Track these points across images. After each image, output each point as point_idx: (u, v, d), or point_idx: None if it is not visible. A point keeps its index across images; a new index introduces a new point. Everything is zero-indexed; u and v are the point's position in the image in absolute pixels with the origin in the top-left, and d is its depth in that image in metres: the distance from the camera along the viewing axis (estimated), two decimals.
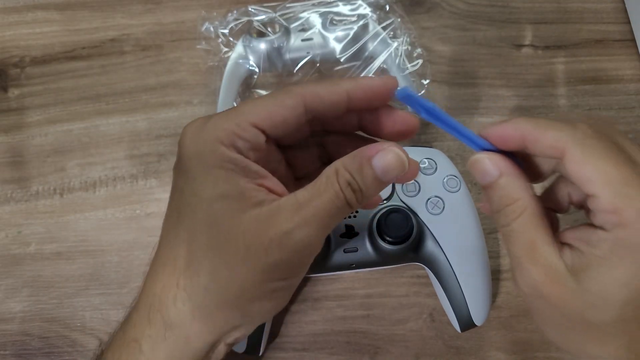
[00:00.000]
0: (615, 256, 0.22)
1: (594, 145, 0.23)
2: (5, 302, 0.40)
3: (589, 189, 0.23)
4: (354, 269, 0.38)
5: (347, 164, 0.24)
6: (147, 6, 0.49)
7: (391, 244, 0.36)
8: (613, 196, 0.22)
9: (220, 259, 0.23)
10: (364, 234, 0.37)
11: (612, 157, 0.22)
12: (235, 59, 0.42)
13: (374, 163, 0.24)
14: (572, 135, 0.23)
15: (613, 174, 0.22)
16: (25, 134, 0.45)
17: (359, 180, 0.24)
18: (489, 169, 0.25)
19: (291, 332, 0.39)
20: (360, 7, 0.43)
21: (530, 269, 0.24)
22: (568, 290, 0.23)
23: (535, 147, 0.24)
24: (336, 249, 0.37)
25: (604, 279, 0.22)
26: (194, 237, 0.24)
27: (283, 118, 0.24)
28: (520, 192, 0.24)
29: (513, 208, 0.24)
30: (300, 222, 0.23)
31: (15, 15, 0.49)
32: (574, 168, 0.23)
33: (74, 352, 0.39)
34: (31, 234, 0.42)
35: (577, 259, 0.23)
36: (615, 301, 0.22)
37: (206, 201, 0.24)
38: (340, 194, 0.24)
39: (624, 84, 0.46)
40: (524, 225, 0.24)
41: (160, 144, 0.44)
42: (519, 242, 0.24)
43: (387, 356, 0.39)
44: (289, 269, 0.25)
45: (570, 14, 0.49)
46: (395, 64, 0.42)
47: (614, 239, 0.22)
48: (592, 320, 0.23)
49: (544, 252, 0.24)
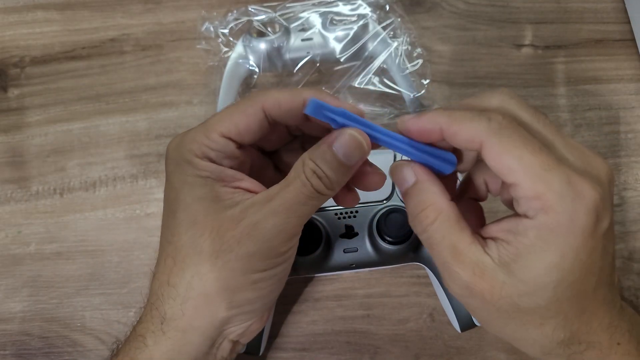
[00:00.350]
0: (541, 241, 0.23)
1: (509, 135, 0.23)
2: (5, 302, 0.40)
3: (509, 178, 0.23)
4: (354, 269, 0.38)
5: (311, 153, 0.25)
6: (147, 6, 0.49)
7: (391, 244, 0.36)
8: (533, 182, 0.22)
9: (200, 255, 0.25)
10: (363, 234, 0.37)
11: (529, 145, 0.23)
12: (235, 59, 0.42)
13: (334, 148, 0.25)
14: (487, 127, 0.23)
15: (531, 161, 0.22)
16: (25, 134, 0.45)
17: (322, 167, 0.25)
18: (406, 175, 0.26)
19: (291, 332, 0.40)
20: (360, 7, 0.43)
21: (458, 271, 0.24)
22: (499, 283, 0.23)
23: (453, 140, 0.24)
24: (336, 249, 0.37)
25: (535, 265, 0.23)
26: (177, 237, 0.26)
27: (246, 125, 0.26)
28: (433, 197, 0.25)
29: (426, 213, 0.25)
30: (268, 212, 0.25)
31: (15, 15, 0.49)
32: (493, 159, 0.23)
33: (74, 352, 0.39)
34: (31, 234, 0.42)
35: (504, 251, 0.23)
36: (547, 284, 0.23)
37: (185, 204, 0.26)
38: (307, 182, 0.25)
39: (624, 84, 0.46)
40: (442, 229, 0.24)
41: (160, 144, 0.44)
42: (440, 247, 0.24)
43: (387, 356, 0.39)
44: (265, 258, 0.26)
45: (570, 14, 0.49)
46: (395, 63, 0.42)
47: (539, 224, 0.23)
48: (527, 307, 0.23)
49: (467, 252, 0.24)
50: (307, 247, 0.35)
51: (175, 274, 0.26)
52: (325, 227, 0.37)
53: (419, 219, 0.25)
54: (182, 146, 0.27)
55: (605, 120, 0.45)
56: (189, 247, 0.26)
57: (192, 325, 0.26)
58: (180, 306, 0.26)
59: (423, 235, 0.25)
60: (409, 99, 0.42)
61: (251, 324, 0.28)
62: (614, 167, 0.44)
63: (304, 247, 0.35)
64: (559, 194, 0.22)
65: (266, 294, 0.28)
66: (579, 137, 0.44)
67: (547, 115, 0.26)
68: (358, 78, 0.42)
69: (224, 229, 0.25)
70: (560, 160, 0.23)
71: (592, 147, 0.44)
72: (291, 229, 0.26)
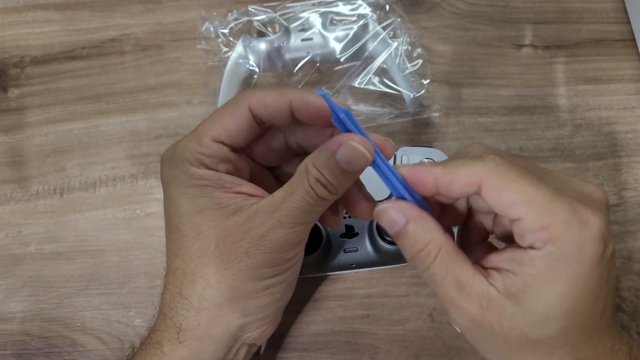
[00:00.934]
0: (550, 271, 0.22)
1: (506, 171, 0.23)
2: (5, 302, 0.40)
3: (512, 213, 0.23)
4: (354, 269, 0.38)
5: (315, 160, 0.25)
6: (147, 6, 0.49)
7: (391, 243, 0.36)
8: (539, 214, 0.22)
9: (209, 267, 0.26)
10: (363, 234, 0.37)
11: (527, 178, 0.23)
12: (235, 59, 0.42)
13: (337, 157, 0.24)
14: (484, 167, 0.23)
15: (533, 194, 0.22)
16: (25, 134, 0.45)
17: (326, 175, 0.24)
18: (395, 217, 0.25)
19: (291, 332, 0.39)
20: (360, 7, 0.43)
21: (465, 305, 0.24)
22: (508, 314, 0.23)
23: (450, 189, 0.24)
24: (336, 249, 0.37)
25: (544, 296, 0.23)
26: (184, 250, 0.26)
27: (235, 126, 0.26)
28: (430, 234, 0.24)
29: (427, 251, 0.24)
30: (274, 223, 0.25)
31: (15, 15, 0.49)
32: (494, 197, 0.23)
33: (74, 352, 0.39)
34: (31, 234, 0.42)
35: (509, 282, 0.23)
36: (557, 314, 0.23)
37: (187, 217, 0.26)
38: (311, 190, 0.25)
39: (624, 84, 0.46)
40: (444, 264, 0.24)
41: (160, 144, 0.44)
42: (445, 283, 0.24)
43: (387, 356, 0.39)
44: (273, 266, 0.26)
45: (570, 14, 0.49)
46: (395, 63, 0.42)
47: (547, 255, 0.22)
48: (537, 338, 0.23)
49: (472, 284, 0.24)
50: (308, 247, 0.35)
51: (186, 285, 0.26)
52: (325, 227, 0.37)
53: (419, 259, 0.24)
54: (176, 157, 0.26)
55: (605, 120, 0.45)
56: (197, 259, 0.26)
57: (208, 334, 0.27)
58: (195, 317, 0.26)
59: (426, 274, 0.25)
60: (409, 99, 0.42)
61: (265, 328, 0.29)
62: (613, 167, 0.44)
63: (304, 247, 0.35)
64: (566, 224, 0.22)
65: (278, 298, 0.28)
66: (579, 137, 0.44)
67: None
68: (358, 78, 0.42)
69: (231, 240, 0.25)
70: (560, 190, 0.23)
71: (591, 147, 0.44)
72: (298, 236, 0.26)
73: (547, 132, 0.45)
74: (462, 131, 0.45)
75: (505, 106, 0.46)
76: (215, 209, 0.26)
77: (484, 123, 0.45)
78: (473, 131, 0.45)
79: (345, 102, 0.42)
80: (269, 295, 0.27)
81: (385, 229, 0.26)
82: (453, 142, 0.44)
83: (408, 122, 0.44)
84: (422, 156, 0.38)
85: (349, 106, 0.25)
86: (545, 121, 0.45)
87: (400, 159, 0.38)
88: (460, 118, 0.45)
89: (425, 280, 0.25)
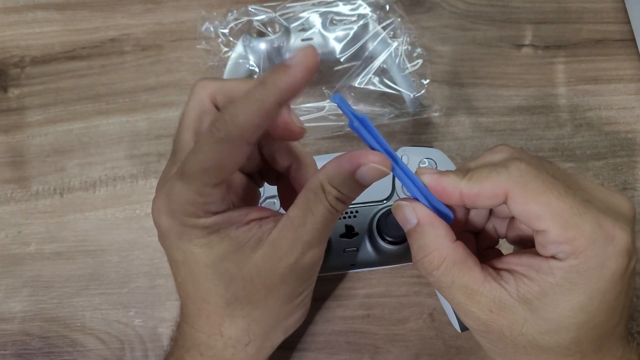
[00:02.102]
0: (569, 282, 0.22)
1: (532, 181, 0.23)
2: (5, 302, 0.40)
3: (537, 225, 0.23)
4: (354, 269, 0.37)
5: (332, 179, 0.24)
6: (147, 6, 0.49)
7: (391, 243, 0.36)
8: (564, 229, 0.22)
9: (249, 304, 0.26)
10: (363, 234, 0.37)
11: (553, 190, 0.22)
12: (235, 59, 0.42)
13: (358, 177, 0.23)
14: (509, 177, 0.23)
15: (558, 207, 0.22)
16: (25, 134, 0.45)
17: (345, 192, 0.24)
18: (408, 215, 0.25)
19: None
20: (360, 7, 0.43)
21: (474, 311, 0.24)
22: (520, 320, 0.23)
23: (475, 202, 0.24)
24: (336, 249, 0.37)
25: (561, 305, 0.22)
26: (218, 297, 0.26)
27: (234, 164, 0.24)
28: (436, 242, 0.24)
29: (430, 259, 0.24)
30: (304, 248, 0.25)
31: (15, 15, 0.49)
32: (520, 209, 0.23)
33: (74, 352, 0.39)
34: (31, 234, 0.42)
35: (524, 287, 0.23)
36: (571, 324, 0.22)
37: (213, 267, 0.25)
38: (332, 209, 0.25)
39: (624, 84, 0.46)
40: (449, 274, 0.24)
41: (160, 144, 0.44)
42: (452, 290, 0.24)
43: (387, 356, 0.39)
44: (305, 282, 0.28)
45: (570, 14, 0.49)
46: (395, 63, 0.42)
47: (568, 267, 0.22)
48: (546, 346, 0.23)
49: (482, 290, 0.23)
50: None
51: (227, 327, 0.27)
52: None
53: (422, 264, 0.25)
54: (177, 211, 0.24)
55: (605, 120, 0.45)
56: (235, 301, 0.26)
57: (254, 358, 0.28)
58: (244, 350, 0.27)
59: (430, 279, 0.25)
60: (409, 99, 0.42)
61: None
62: (613, 167, 0.44)
63: None
64: (591, 239, 0.22)
65: (309, 304, 0.30)
66: (579, 137, 0.44)
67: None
68: (358, 78, 0.42)
69: (264, 274, 0.26)
70: (587, 202, 0.22)
71: (592, 147, 0.44)
72: (323, 250, 0.27)
73: (547, 132, 0.45)
74: (462, 131, 0.45)
75: (505, 106, 0.46)
76: (237, 250, 0.25)
77: (484, 123, 0.45)
78: (473, 131, 0.45)
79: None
80: (303, 306, 0.29)
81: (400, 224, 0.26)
82: (453, 142, 0.44)
83: (408, 122, 0.44)
84: (422, 156, 0.38)
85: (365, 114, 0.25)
86: (546, 121, 0.45)
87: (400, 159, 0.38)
88: (460, 118, 0.45)
89: (431, 284, 0.25)
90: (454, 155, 0.43)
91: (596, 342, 0.23)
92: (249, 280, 0.26)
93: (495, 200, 0.23)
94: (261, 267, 0.25)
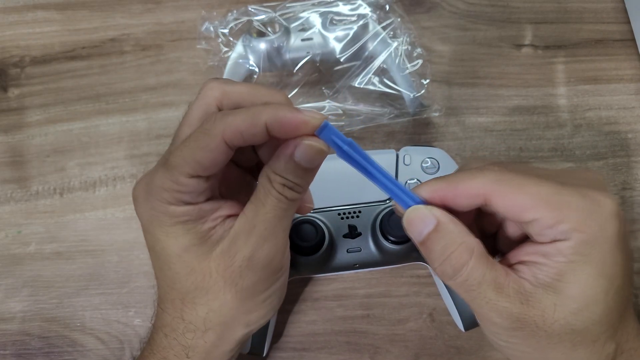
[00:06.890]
0: (582, 256, 0.23)
1: (509, 178, 0.24)
2: (5, 302, 0.40)
3: (525, 216, 0.23)
4: (358, 269, 0.37)
5: (274, 167, 0.25)
6: (147, 6, 0.49)
7: (394, 243, 0.36)
8: (552, 211, 0.23)
9: (208, 295, 0.27)
10: (367, 234, 0.37)
11: (529, 180, 0.23)
12: (235, 59, 0.42)
13: (296, 158, 0.24)
14: (484, 179, 0.24)
15: (540, 192, 0.23)
16: (25, 134, 0.45)
17: (290, 178, 0.25)
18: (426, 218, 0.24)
19: (291, 332, 0.39)
20: (360, 7, 0.43)
21: (506, 306, 0.23)
22: (549, 305, 0.23)
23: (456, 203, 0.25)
24: (339, 250, 0.37)
25: (582, 279, 0.23)
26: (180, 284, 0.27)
27: (211, 160, 0.25)
28: (461, 236, 0.24)
29: (458, 254, 0.24)
30: (257, 242, 0.26)
31: (15, 15, 0.49)
32: (503, 205, 0.23)
33: (74, 352, 0.39)
34: (31, 233, 0.42)
35: (540, 273, 0.23)
36: (597, 294, 0.23)
37: (176, 256, 0.27)
38: (280, 196, 0.25)
39: (624, 84, 0.46)
40: (480, 267, 0.23)
41: (160, 144, 0.44)
42: (482, 287, 0.23)
43: (387, 356, 0.39)
44: (267, 279, 0.28)
45: (570, 14, 0.49)
46: (395, 63, 0.42)
47: (575, 243, 0.23)
48: (582, 326, 0.23)
49: (509, 283, 0.23)
50: (311, 247, 0.35)
51: (187, 312, 0.27)
52: (328, 228, 0.37)
53: (449, 262, 0.24)
54: (152, 196, 0.26)
55: (605, 120, 0.45)
56: (195, 290, 0.27)
57: (216, 347, 0.28)
58: (202, 337, 0.27)
59: (458, 279, 0.24)
60: (409, 98, 0.42)
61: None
62: (613, 167, 0.44)
63: (307, 247, 0.35)
64: (582, 210, 0.22)
65: (275, 303, 0.29)
66: (579, 137, 0.44)
67: None
68: (358, 78, 0.42)
69: (222, 267, 0.26)
70: (563, 183, 0.23)
71: (592, 147, 0.44)
72: (281, 245, 0.27)
73: (547, 132, 0.45)
74: (462, 131, 0.45)
75: (505, 106, 0.46)
76: (200, 244, 0.26)
77: (484, 123, 0.45)
78: (473, 131, 0.45)
79: (345, 101, 0.42)
80: (267, 304, 0.29)
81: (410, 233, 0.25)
82: (453, 142, 0.44)
83: (408, 122, 0.44)
84: (424, 155, 0.38)
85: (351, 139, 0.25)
86: (545, 121, 0.45)
87: (402, 159, 0.38)
88: (460, 118, 0.45)
89: (457, 287, 0.24)
90: (454, 155, 0.43)
91: (620, 310, 0.24)
92: (208, 274, 0.26)
93: (474, 200, 0.24)
94: (219, 262, 0.26)
